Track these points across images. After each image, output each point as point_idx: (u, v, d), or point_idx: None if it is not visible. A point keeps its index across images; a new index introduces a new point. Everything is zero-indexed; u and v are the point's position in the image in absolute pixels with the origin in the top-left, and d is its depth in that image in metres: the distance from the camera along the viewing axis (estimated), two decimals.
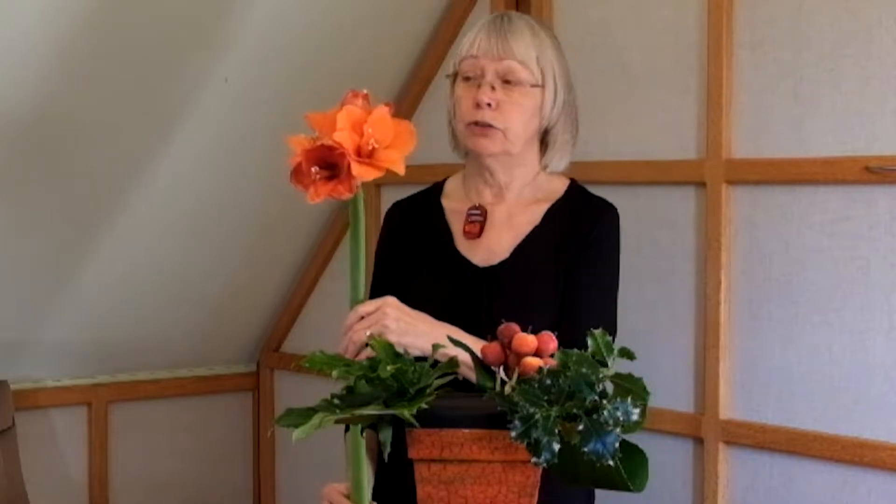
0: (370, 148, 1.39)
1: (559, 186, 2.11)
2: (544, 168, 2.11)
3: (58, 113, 2.62)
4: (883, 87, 2.18)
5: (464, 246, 2.09)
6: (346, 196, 1.41)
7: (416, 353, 1.79)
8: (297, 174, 1.42)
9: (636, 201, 2.52)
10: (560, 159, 2.11)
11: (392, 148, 1.41)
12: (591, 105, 2.67)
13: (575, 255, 2.02)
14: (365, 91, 1.45)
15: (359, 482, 1.54)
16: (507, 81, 2.01)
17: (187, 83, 2.73)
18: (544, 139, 2.10)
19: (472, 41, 2.05)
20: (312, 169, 1.40)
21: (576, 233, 2.04)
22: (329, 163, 1.40)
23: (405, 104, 3.08)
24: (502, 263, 2.05)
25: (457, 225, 2.11)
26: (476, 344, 1.73)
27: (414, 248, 2.13)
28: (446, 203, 2.15)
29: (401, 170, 1.42)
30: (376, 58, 3.01)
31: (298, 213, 3.19)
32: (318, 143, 1.40)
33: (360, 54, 2.95)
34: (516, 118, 2.02)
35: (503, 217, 2.09)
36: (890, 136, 2.17)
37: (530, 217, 2.08)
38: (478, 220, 2.09)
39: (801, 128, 2.29)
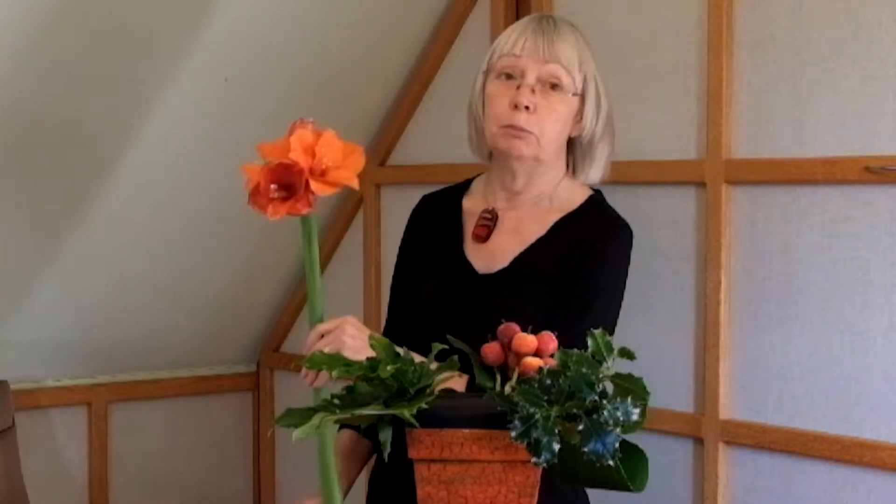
0: (323, 167, 1.46)
1: (577, 199, 2.06)
2: (575, 178, 2.07)
3: (57, 113, 2.62)
4: (883, 87, 2.17)
5: (471, 249, 2.07)
6: (305, 211, 1.47)
7: None
8: (255, 196, 1.50)
9: (636, 201, 2.52)
10: (597, 172, 2.07)
11: (344, 168, 1.47)
12: None
13: (574, 269, 1.98)
14: (311, 119, 1.51)
15: (329, 496, 1.52)
16: (549, 86, 1.97)
17: (187, 83, 2.73)
18: (577, 149, 2.05)
19: (516, 40, 1.99)
20: (272, 186, 1.47)
21: (578, 247, 1.99)
22: (285, 183, 1.47)
23: (405, 104, 3.08)
24: (501, 271, 2.02)
25: (470, 226, 2.08)
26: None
27: (429, 244, 2.12)
28: (466, 203, 2.13)
29: (355, 185, 1.48)
30: (376, 58, 3.01)
31: None
32: (276, 162, 1.45)
33: (361, 54, 2.95)
34: (552, 124, 1.97)
35: (513, 223, 2.05)
36: (890, 136, 2.17)
37: (538, 227, 2.03)
38: (487, 224, 2.05)
39: (801, 128, 2.29)
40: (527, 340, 1.47)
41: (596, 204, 2.07)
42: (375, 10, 2.89)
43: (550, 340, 1.47)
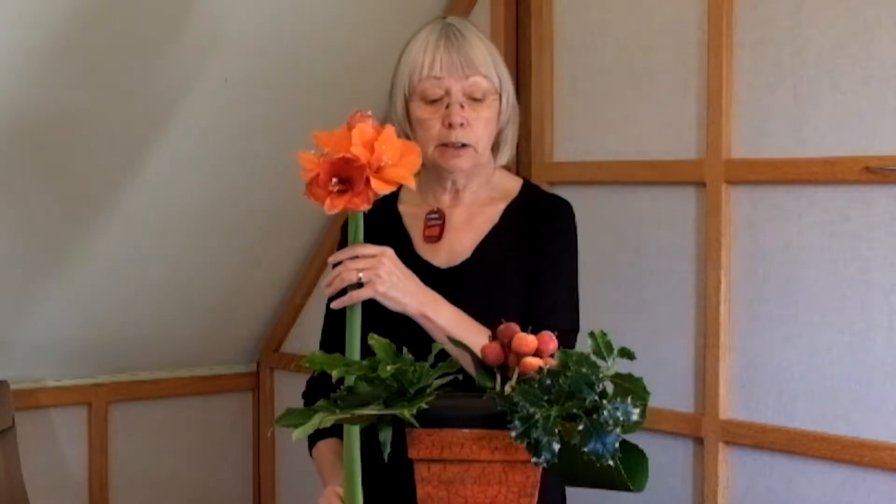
0: (380, 164, 1.48)
1: (513, 186, 2.13)
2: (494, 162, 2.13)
3: (57, 113, 2.62)
4: (883, 87, 2.18)
5: (424, 250, 2.09)
6: (363, 208, 1.49)
7: (396, 309, 1.89)
8: (312, 187, 1.49)
9: (636, 201, 2.52)
10: (506, 153, 2.13)
11: (400, 166, 1.49)
12: (592, 105, 2.67)
13: (535, 252, 2.04)
14: (369, 112, 1.53)
15: (352, 488, 1.53)
16: (473, 98, 2.02)
17: (187, 83, 2.73)
18: (496, 140, 2.11)
19: (432, 62, 2.02)
20: (332, 180, 1.46)
21: (535, 230, 2.06)
22: (343, 177, 1.47)
23: None
24: (465, 263, 2.06)
25: (415, 230, 2.11)
26: (458, 315, 1.91)
27: None
28: (403, 208, 2.15)
29: (412, 184, 1.52)
30: (376, 58, 3.00)
31: (298, 213, 3.19)
32: (338, 156, 1.44)
33: (360, 55, 2.95)
34: (484, 131, 2.03)
35: (462, 218, 2.10)
36: (890, 136, 2.17)
37: (488, 216, 2.09)
38: (437, 224, 2.10)
39: (801, 128, 2.29)
40: (527, 340, 1.46)
41: (533, 188, 2.16)
42: (376, 11, 2.89)
43: (550, 340, 1.47)
